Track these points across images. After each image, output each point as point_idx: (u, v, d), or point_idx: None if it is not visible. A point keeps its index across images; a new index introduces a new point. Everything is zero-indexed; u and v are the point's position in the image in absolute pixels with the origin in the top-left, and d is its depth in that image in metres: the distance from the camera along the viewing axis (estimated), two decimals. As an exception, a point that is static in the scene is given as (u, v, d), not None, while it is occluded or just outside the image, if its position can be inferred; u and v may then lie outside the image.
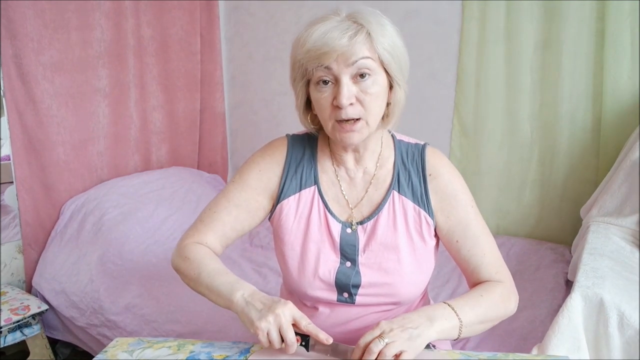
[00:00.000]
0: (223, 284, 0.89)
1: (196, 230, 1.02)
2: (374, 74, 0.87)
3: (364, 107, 0.87)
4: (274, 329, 0.80)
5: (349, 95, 0.85)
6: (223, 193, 1.03)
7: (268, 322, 0.80)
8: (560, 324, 1.07)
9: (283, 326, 0.80)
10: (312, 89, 0.91)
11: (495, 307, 0.92)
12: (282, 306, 0.82)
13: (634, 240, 1.46)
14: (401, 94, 0.92)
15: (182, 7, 2.53)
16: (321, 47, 0.84)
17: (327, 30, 0.84)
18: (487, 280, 0.97)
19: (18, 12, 1.88)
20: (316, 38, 0.85)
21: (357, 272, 0.96)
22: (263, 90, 2.80)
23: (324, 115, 0.90)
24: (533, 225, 2.20)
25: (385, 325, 0.80)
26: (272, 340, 0.80)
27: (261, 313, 0.81)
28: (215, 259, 0.97)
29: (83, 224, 2.06)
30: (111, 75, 2.26)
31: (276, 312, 0.80)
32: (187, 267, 0.96)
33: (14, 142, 1.95)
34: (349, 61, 0.84)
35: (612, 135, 1.93)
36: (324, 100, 0.88)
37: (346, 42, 0.83)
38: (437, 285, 1.79)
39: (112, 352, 0.90)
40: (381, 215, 0.97)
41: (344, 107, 0.86)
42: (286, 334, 0.80)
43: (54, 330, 2.00)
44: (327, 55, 0.84)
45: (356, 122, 0.88)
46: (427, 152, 1.00)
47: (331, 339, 0.82)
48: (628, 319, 1.02)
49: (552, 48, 2.02)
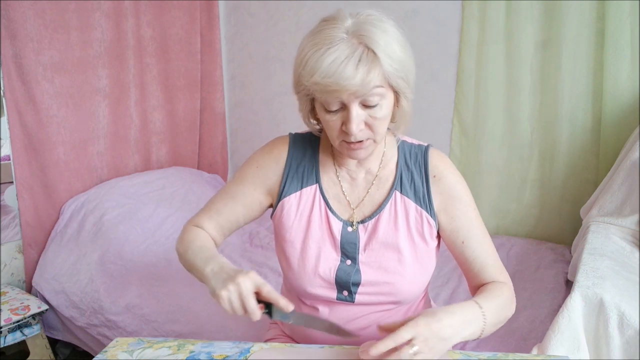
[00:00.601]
0: (201, 260, 0.92)
1: (196, 216, 1.07)
2: (383, 99, 0.85)
3: (372, 130, 0.87)
4: (234, 297, 0.81)
5: (359, 122, 0.85)
6: (223, 187, 1.08)
7: (228, 290, 0.81)
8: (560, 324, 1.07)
9: (243, 293, 0.81)
10: (318, 106, 0.90)
11: (506, 309, 0.93)
12: (243, 275, 0.83)
13: (634, 240, 1.46)
14: (407, 104, 0.92)
15: (182, 7, 2.53)
16: (331, 84, 0.80)
17: (336, 62, 0.80)
18: (492, 281, 0.96)
19: (18, 12, 1.88)
20: (325, 71, 0.80)
21: (357, 270, 0.96)
22: (263, 90, 2.80)
23: (332, 134, 0.90)
24: (533, 225, 2.20)
25: (422, 330, 0.77)
26: (233, 307, 0.82)
27: (224, 283, 0.83)
28: (204, 239, 1.01)
29: (83, 224, 2.06)
30: (111, 75, 2.26)
31: (237, 281, 0.82)
32: (179, 247, 1.01)
33: (14, 142, 1.95)
34: (358, 94, 0.82)
35: (612, 135, 1.94)
36: (333, 123, 0.88)
37: (358, 81, 0.80)
38: (437, 285, 1.79)
39: (112, 352, 0.90)
40: (382, 215, 0.97)
41: (354, 134, 0.86)
42: (246, 300, 0.81)
43: (54, 330, 2.00)
44: (338, 93, 0.82)
45: (364, 141, 0.88)
46: (430, 153, 1.00)
47: (292, 306, 0.83)
48: (628, 319, 1.02)
49: (552, 48, 2.02)
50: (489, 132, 2.20)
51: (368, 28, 0.82)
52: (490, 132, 2.19)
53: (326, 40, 0.81)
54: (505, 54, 2.11)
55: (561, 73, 2.01)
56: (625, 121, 1.90)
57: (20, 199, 2.00)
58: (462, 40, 2.20)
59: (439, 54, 2.28)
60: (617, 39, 1.88)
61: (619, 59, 1.89)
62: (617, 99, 1.91)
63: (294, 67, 0.89)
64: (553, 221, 2.15)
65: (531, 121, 2.12)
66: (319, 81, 0.81)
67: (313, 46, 0.83)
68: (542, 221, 2.18)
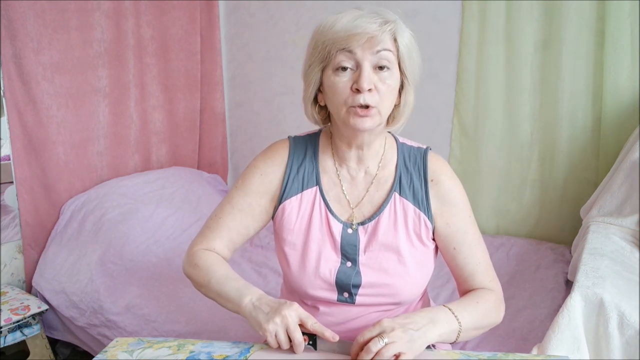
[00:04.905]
0: (232, 289, 0.92)
1: (204, 237, 1.04)
2: (392, 68, 0.90)
3: (380, 96, 0.89)
4: (281, 330, 0.82)
5: (370, 81, 0.87)
6: (227, 199, 1.05)
7: (275, 323, 0.82)
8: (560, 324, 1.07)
9: (290, 327, 0.82)
10: (328, 75, 0.91)
11: (489, 315, 0.95)
12: (288, 307, 0.84)
13: (634, 240, 1.46)
14: (411, 96, 0.95)
15: (182, 7, 2.53)
16: (352, 29, 0.86)
17: (357, 16, 0.87)
18: (480, 287, 0.98)
19: (18, 12, 1.88)
20: (347, 21, 0.87)
21: (357, 272, 0.96)
22: (263, 90, 2.80)
23: (339, 100, 0.90)
24: (533, 225, 2.20)
25: (387, 324, 0.81)
26: (280, 341, 0.82)
27: (268, 316, 0.84)
28: (223, 264, 0.99)
29: (83, 224, 2.06)
30: (111, 75, 2.26)
31: (282, 313, 0.82)
32: (197, 274, 0.99)
33: (14, 142, 1.95)
34: (374, 48, 0.87)
35: (612, 135, 1.93)
36: (343, 84, 0.89)
37: (377, 27, 0.86)
38: (437, 285, 1.79)
39: (112, 352, 0.90)
40: (382, 216, 0.97)
41: (364, 91, 0.87)
42: (293, 334, 0.82)
43: (54, 330, 2.00)
44: (358, 37, 0.86)
45: (370, 108, 0.89)
46: (430, 157, 1.01)
47: (337, 336, 0.83)
48: (628, 319, 1.02)
49: (552, 48, 2.02)
50: (489, 132, 2.20)
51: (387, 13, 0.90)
52: (490, 132, 2.19)
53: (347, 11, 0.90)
54: (505, 54, 2.11)
55: (561, 73, 2.01)
56: (625, 121, 1.90)
57: (20, 199, 2.00)
58: (462, 40, 2.20)
59: (439, 54, 2.27)
60: (617, 39, 1.87)
61: (619, 59, 1.88)
62: (617, 99, 1.91)
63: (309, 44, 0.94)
64: (553, 221, 2.15)
65: (531, 121, 2.12)
66: (340, 29, 0.87)
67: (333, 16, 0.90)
68: (542, 221, 2.18)
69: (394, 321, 0.82)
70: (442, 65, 2.28)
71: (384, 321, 0.81)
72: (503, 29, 2.10)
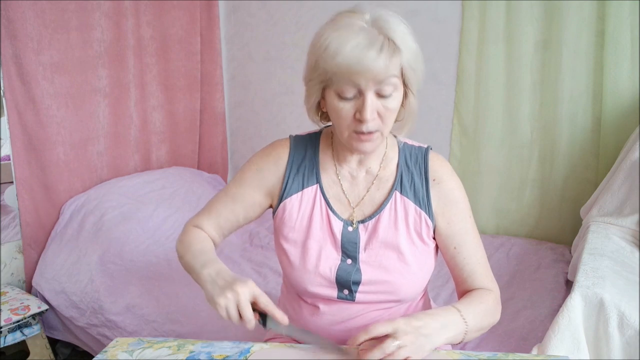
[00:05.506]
0: (198, 262, 0.94)
1: (197, 217, 1.09)
2: (395, 90, 0.87)
3: (383, 121, 0.88)
4: (232, 305, 0.83)
5: (373, 110, 0.86)
6: (224, 188, 1.09)
7: (227, 298, 0.83)
8: (560, 324, 1.07)
9: (241, 303, 0.83)
10: (330, 95, 0.89)
11: (490, 315, 0.95)
12: (242, 284, 0.84)
13: (634, 240, 1.46)
14: (414, 102, 0.94)
15: (182, 7, 2.53)
16: (355, 65, 0.81)
17: (360, 46, 0.81)
18: (479, 288, 0.98)
19: (18, 12, 1.87)
20: (349, 54, 0.81)
21: (357, 269, 0.97)
22: (263, 90, 2.80)
23: (342, 125, 0.90)
24: (533, 225, 2.20)
25: (401, 326, 0.80)
26: (230, 315, 0.83)
27: (222, 289, 0.84)
28: (204, 240, 1.02)
29: (83, 224, 2.06)
30: (111, 75, 2.26)
31: (235, 289, 0.83)
32: (180, 247, 1.03)
33: (14, 142, 1.95)
34: (377, 79, 0.83)
35: (612, 135, 1.94)
36: (345, 111, 0.87)
37: (381, 65, 0.82)
38: (437, 285, 1.79)
39: (112, 352, 0.90)
40: (383, 215, 0.98)
41: (367, 122, 0.86)
42: (244, 310, 0.83)
43: (54, 330, 2.00)
44: (361, 75, 0.82)
45: (373, 133, 0.89)
46: (431, 156, 1.01)
47: (286, 318, 0.85)
48: (628, 319, 1.02)
49: (552, 48, 2.02)
50: (489, 132, 2.20)
51: (387, 19, 0.85)
52: (490, 132, 2.19)
53: (347, 27, 0.84)
54: (505, 54, 2.11)
55: (561, 73, 2.01)
56: (625, 121, 1.90)
57: (20, 199, 2.00)
58: (462, 40, 2.20)
59: (439, 54, 2.27)
60: (617, 39, 1.88)
61: (619, 59, 1.89)
62: (617, 99, 1.91)
63: (309, 53, 0.90)
64: (553, 221, 2.15)
65: (531, 121, 2.12)
66: (342, 62, 0.82)
67: (334, 31, 0.84)
68: (542, 221, 2.18)
69: (408, 323, 0.81)
70: (442, 65, 2.28)
71: (399, 321, 0.81)
72: (503, 29, 2.10)
